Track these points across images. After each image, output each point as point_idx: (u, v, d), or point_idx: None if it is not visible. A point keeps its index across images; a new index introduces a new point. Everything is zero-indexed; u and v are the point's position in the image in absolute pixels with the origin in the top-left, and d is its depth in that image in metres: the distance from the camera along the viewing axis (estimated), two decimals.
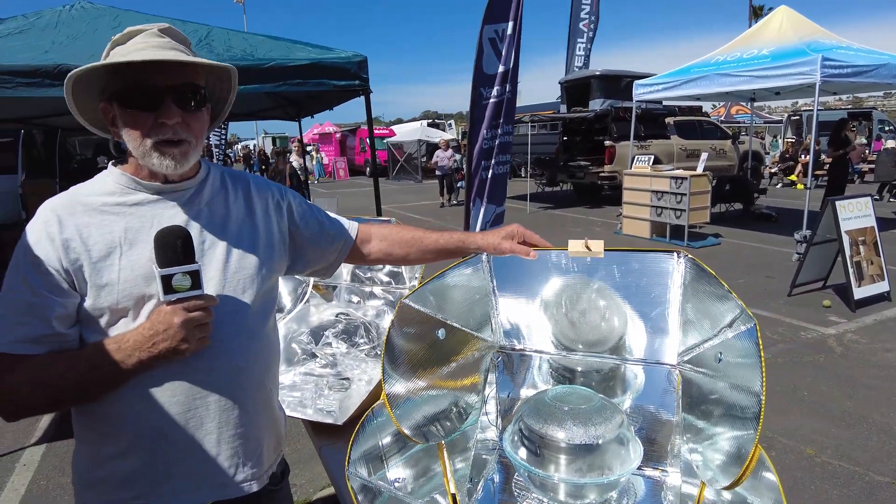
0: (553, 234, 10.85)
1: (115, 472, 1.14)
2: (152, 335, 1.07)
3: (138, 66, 1.09)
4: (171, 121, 1.11)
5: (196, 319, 1.08)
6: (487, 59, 4.04)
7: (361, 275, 2.62)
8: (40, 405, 1.12)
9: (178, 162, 1.15)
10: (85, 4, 4.06)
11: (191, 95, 1.15)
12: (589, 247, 1.45)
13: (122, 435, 1.14)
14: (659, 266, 1.46)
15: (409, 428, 1.42)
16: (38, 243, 1.09)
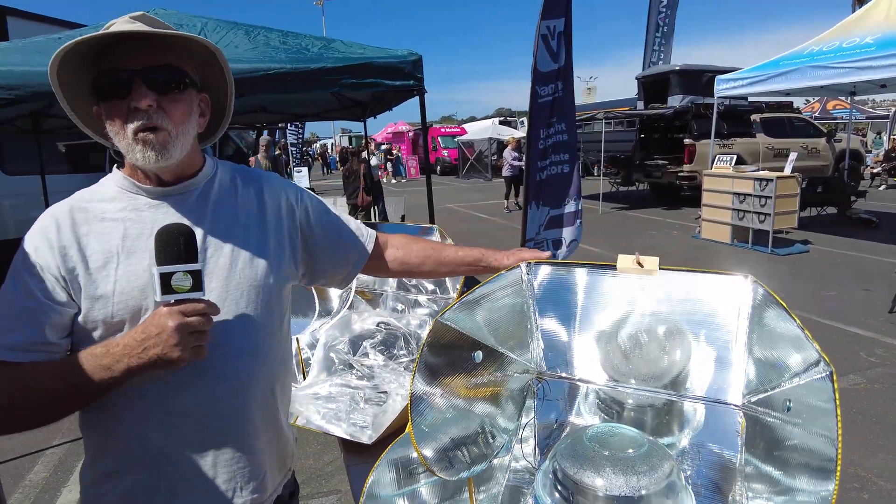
0: (626, 236, 10.39)
1: (117, 489, 1.09)
2: (144, 339, 0.98)
3: (111, 53, 1.05)
4: (142, 104, 1.03)
5: (193, 325, 0.98)
6: (541, 56, 3.85)
7: (406, 282, 2.53)
8: (24, 417, 1.03)
9: (157, 152, 1.05)
10: (161, 11, 4.21)
11: (167, 78, 1.07)
12: (641, 263, 1.27)
13: (119, 452, 1.09)
14: (724, 291, 1.26)
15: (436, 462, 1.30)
16: (38, 250, 1.05)
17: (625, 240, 10.02)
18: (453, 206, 15.90)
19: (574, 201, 4.36)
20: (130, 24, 1.07)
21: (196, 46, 1.14)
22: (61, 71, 1.06)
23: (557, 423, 1.55)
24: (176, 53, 1.11)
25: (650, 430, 1.48)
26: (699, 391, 1.38)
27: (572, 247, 4.43)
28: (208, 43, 1.14)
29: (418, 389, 1.24)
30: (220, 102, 1.27)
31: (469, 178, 25.67)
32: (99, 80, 1.06)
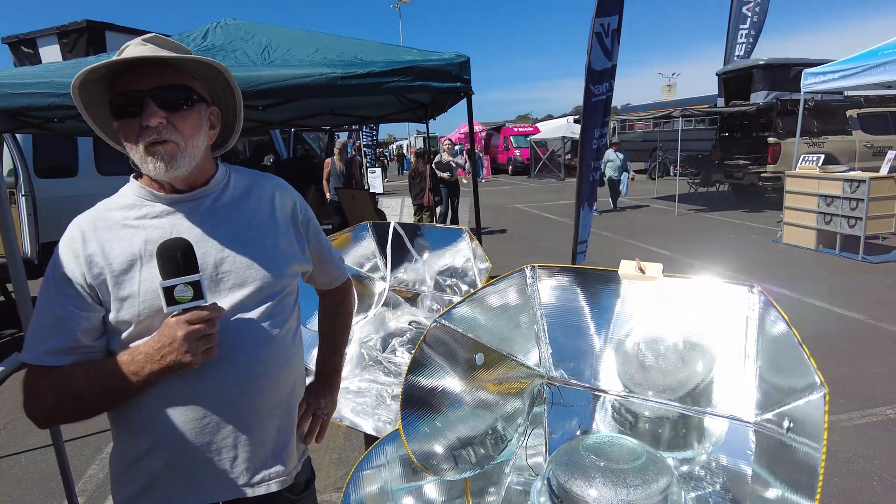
0: (700, 239, 9.91)
1: (143, 472, 1.19)
2: (160, 348, 1.08)
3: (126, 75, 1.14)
4: (152, 122, 1.11)
5: (198, 332, 1.07)
6: (596, 55, 3.74)
7: (442, 282, 2.56)
8: (66, 413, 1.17)
9: (166, 162, 1.13)
10: (229, 21, 4.47)
11: (175, 97, 1.15)
12: (642, 269, 1.23)
13: (146, 439, 1.18)
14: (731, 301, 1.20)
15: (425, 460, 1.32)
16: (65, 260, 1.16)
17: (698, 243, 9.56)
18: (522, 207, 15.77)
19: None
20: (141, 46, 1.17)
21: (202, 66, 1.21)
22: (83, 93, 1.17)
23: (569, 430, 1.52)
24: (184, 73, 1.19)
25: (666, 444, 1.43)
26: (713, 405, 1.32)
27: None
28: (212, 61, 1.21)
29: (410, 388, 1.27)
30: (231, 113, 1.35)
31: (541, 178, 25.35)
32: (114, 101, 1.15)
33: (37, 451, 3.59)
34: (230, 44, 3.87)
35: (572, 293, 1.43)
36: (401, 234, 2.52)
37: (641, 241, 9.80)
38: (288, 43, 3.81)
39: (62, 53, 6.88)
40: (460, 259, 2.50)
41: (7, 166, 6.20)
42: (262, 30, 4.19)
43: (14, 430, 3.90)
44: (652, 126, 18.36)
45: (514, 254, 9.31)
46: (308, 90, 3.19)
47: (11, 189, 5.90)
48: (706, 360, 1.32)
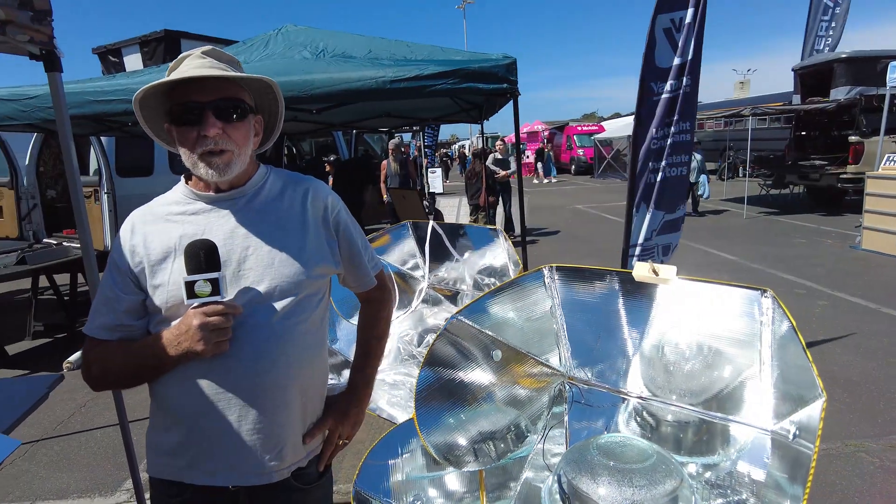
0: (769, 244, 9.43)
1: (164, 444, 1.31)
2: (178, 335, 1.20)
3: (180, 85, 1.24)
4: (210, 132, 1.22)
5: (212, 324, 1.17)
6: (661, 51, 3.64)
7: (480, 281, 2.60)
8: (108, 382, 1.34)
9: (220, 171, 1.25)
10: (290, 27, 4.67)
11: (231, 108, 1.25)
12: (656, 271, 1.24)
13: (168, 414, 1.30)
14: (745, 306, 1.19)
15: (440, 451, 1.37)
16: (117, 248, 1.31)
17: (767, 248, 9.10)
18: (582, 207, 15.51)
19: (684, 205, 4.10)
20: (201, 59, 1.29)
21: (253, 81, 1.33)
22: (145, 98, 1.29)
23: (589, 431, 1.53)
24: (237, 85, 1.30)
25: (688, 449, 1.42)
26: (732, 411, 1.30)
27: (673, 251, 4.17)
28: (264, 78, 1.33)
29: (425, 381, 1.32)
30: (273, 120, 1.45)
31: (604, 177, 24.78)
32: (173, 110, 1.27)
33: (110, 427, 3.90)
34: (289, 50, 4.06)
35: (591, 294, 1.44)
36: (439, 233, 2.57)
37: (704, 245, 9.44)
38: (342, 47, 3.96)
39: (143, 61, 7.40)
40: (499, 259, 2.53)
41: (92, 166, 6.73)
42: (319, 35, 4.37)
43: (91, 408, 4.25)
44: (722, 125, 17.59)
45: (566, 255, 9.20)
46: (358, 94, 3.31)
47: (95, 187, 6.40)
48: (727, 365, 1.30)
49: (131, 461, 2.50)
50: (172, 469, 1.30)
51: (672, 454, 1.34)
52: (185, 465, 1.28)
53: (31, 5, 1.84)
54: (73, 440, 3.85)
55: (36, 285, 6.05)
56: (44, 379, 2.35)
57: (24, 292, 7.18)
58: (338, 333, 2.45)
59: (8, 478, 3.48)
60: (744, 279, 7.17)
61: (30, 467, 3.58)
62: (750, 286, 1.13)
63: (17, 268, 5.32)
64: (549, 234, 11.48)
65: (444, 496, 1.49)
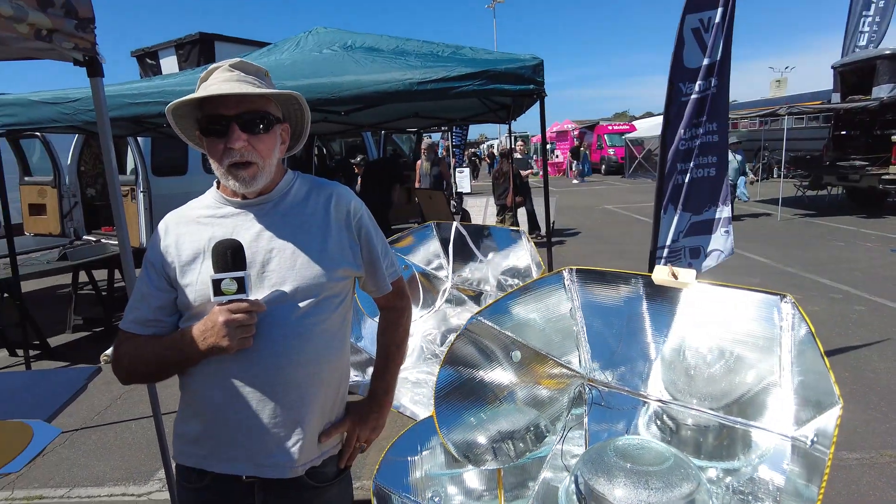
0: (805, 246, 9.19)
1: (188, 432, 1.37)
2: (203, 330, 1.25)
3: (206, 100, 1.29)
4: (236, 145, 1.27)
5: (237, 321, 1.22)
6: (689, 52, 3.59)
7: (504, 282, 2.61)
8: (138, 374, 1.38)
9: (247, 183, 1.31)
10: (320, 29, 4.75)
11: (256, 121, 1.30)
12: (675, 275, 1.24)
13: (192, 404, 1.36)
14: (765, 310, 1.18)
15: (459, 449, 1.40)
16: (152, 247, 1.38)
17: (802, 251, 8.87)
18: (612, 208, 15.34)
19: (722, 207, 4.00)
20: (229, 72, 1.34)
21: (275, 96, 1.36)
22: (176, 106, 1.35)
23: (609, 433, 1.54)
24: (263, 97, 1.34)
25: (708, 453, 1.42)
26: (753, 417, 1.30)
27: (715, 257, 4.06)
28: (290, 93, 1.38)
29: (445, 379, 1.34)
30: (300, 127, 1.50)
31: (635, 177, 24.45)
32: (202, 122, 1.33)
33: (144, 419, 4.03)
34: (319, 52, 4.13)
35: (610, 297, 1.45)
36: (463, 234, 2.60)
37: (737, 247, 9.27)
38: (372, 48, 4.02)
39: (178, 63, 7.60)
40: (522, 260, 2.54)
41: (129, 166, 6.95)
42: (348, 37, 4.43)
43: (126, 400, 4.40)
44: (757, 125, 17.18)
45: (594, 256, 9.11)
46: (386, 96, 3.36)
47: (132, 186, 6.61)
48: (748, 370, 1.30)
49: (164, 452, 2.59)
50: (195, 457, 1.36)
51: (691, 458, 1.33)
52: (206, 453, 1.34)
53: (76, 14, 1.93)
54: (110, 430, 4.00)
55: (76, 280, 6.28)
56: (82, 371, 2.45)
57: (64, 287, 7.46)
58: (363, 331, 2.50)
59: (50, 464, 3.63)
60: (777, 283, 7.01)
61: (69, 454, 3.73)
62: (769, 291, 1.13)
63: (58, 264, 5.54)
64: (578, 235, 11.39)
65: (463, 493, 1.52)
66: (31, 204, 7.51)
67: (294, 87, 3.34)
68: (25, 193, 7.51)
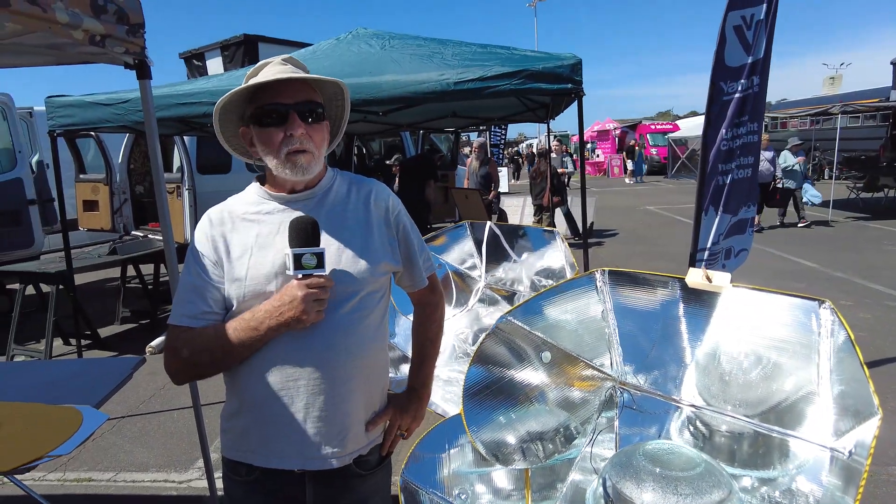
0: (854, 250, 8.82)
1: (236, 426, 1.40)
2: (280, 305, 1.27)
3: (269, 89, 1.32)
4: (297, 132, 1.30)
5: (315, 294, 1.26)
6: (731, 50, 3.49)
7: (538, 283, 2.60)
8: (198, 365, 1.37)
9: (304, 170, 1.33)
10: (360, 30, 4.82)
11: (311, 111, 1.34)
12: (709, 278, 1.21)
13: (241, 399, 1.39)
14: (803, 316, 1.15)
15: (488, 448, 1.40)
16: (200, 240, 1.40)
17: (854, 255, 8.50)
18: (653, 209, 15.03)
19: (752, 207, 3.93)
20: (283, 66, 1.38)
21: (328, 84, 1.41)
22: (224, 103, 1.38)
23: (640, 436, 1.52)
24: (315, 90, 1.38)
25: (742, 461, 1.38)
26: (790, 425, 1.26)
27: (742, 257, 3.99)
28: (340, 82, 1.41)
29: (473, 378, 1.35)
30: (337, 126, 1.53)
31: (678, 177, 23.89)
32: (259, 111, 1.34)
33: (185, 409, 4.17)
34: (358, 52, 4.19)
35: (643, 299, 1.43)
36: (497, 234, 2.60)
37: (783, 251, 8.95)
38: (410, 49, 4.05)
39: (224, 64, 7.83)
40: (557, 261, 2.53)
41: (175, 164, 7.19)
42: (388, 38, 4.48)
43: (169, 390, 4.56)
44: (808, 124, 16.56)
45: (633, 258, 8.95)
46: (424, 96, 3.38)
47: (178, 184, 6.84)
48: (785, 377, 1.26)
49: (203, 442, 2.68)
50: (244, 451, 1.38)
51: (725, 466, 1.31)
52: (254, 447, 1.36)
53: (127, 20, 2.02)
54: (153, 419, 4.15)
55: (124, 274, 6.54)
56: (129, 361, 2.56)
57: (114, 280, 7.77)
58: (396, 329, 2.53)
59: (98, 449, 3.80)
60: (825, 288, 6.73)
61: (116, 440, 3.89)
62: (807, 296, 1.09)
63: (108, 258, 5.78)
64: (617, 236, 11.22)
65: (490, 492, 1.52)
66: (84, 200, 7.85)
67: None
68: (80, 190, 7.86)
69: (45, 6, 1.61)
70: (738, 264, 3.99)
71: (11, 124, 6.81)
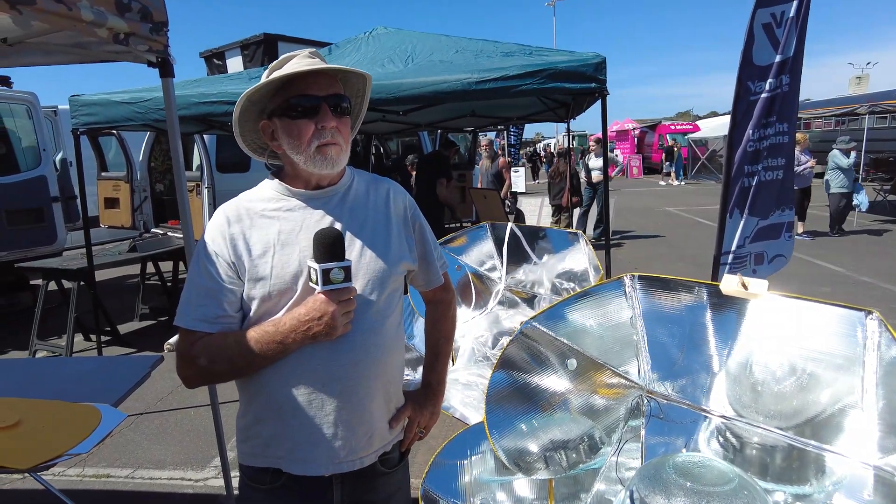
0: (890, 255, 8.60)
1: (260, 434, 1.36)
2: (308, 321, 1.23)
3: (298, 81, 1.29)
4: (330, 124, 1.28)
5: (345, 308, 1.24)
6: (759, 48, 3.40)
7: (559, 285, 2.56)
8: (215, 374, 1.35)
9: (334, 163, 1.31)
10: (380, 30, 4.80)
11: (340, 104, 1.32)
12: (745, 285, 1.16)
13: (260, 407, 1.35)
14: (847, 327, 1.09)
15: (510, 456, 1.37)
16: (214, 240, 1.34)
17: (882, 260, 8.29)
18: (673, 210, 14.84)
19: (787, 211, 3.81)
20: (310, 59, 1.34)
21: (353, 77, 1.38)
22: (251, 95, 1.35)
23: (667, 447, 1.47)
24: (340, 85, 1.35)
25: (776, 475, 1.33)
26: (829, 440, 1.20)
27: (777, 263, 3.88)
28: (366, 74, 1.38)
29: (497, 385, 1.31)
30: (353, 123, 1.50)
31: (698, 179, 23.58)
32: (286, 103, 1.30)
33: (202, 407, 4.19)
34: (379, 52, 4.18)
35: (674, 306, 1.38)
36: (518, 235, 2.55)
37: (806, 254, 8.77)
38: (430, 49, 4.02)
39: (244, 63, 7.87)
40: (579, 263, 2.48)
41: (195, 163, 7.24)
42: (408, 37, 4.45)
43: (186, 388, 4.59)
44: (833, 124, 16.22)
45: (654, 260, 8.84)
46: (445, 95, 3.35)
47: (197, 182, 6.88)
48: (823, 390, 1.21)
49: (220, 441, 2.67)
50: (271, 458, 1.34)
51: (757, 480, 1.26)
52: (283, 454, 1.33)
53: (151, 18, 2.01)
54: (171, 416, 4.18)
55: (144, 271, 6.60)
56: (147, 359, 2.56)
57: (133, 277, 7.85)
58: (414, 330, 2.50)
59: (117, 445, 3.82)
60: (850, 293, 6.58)
61: (134, 437, 3.92)
62: (853, 306, 1.04)
63: (129, 255, 5.84)
64: (637, 237, 11.09)
65: (512, 501, 1.48)
66: (106, 198, 7.95)
67: None
68: (102, 188, 7.96)
69: (71, 4, 1.61)
70: (774, 270, 3.87)
71: (36, 123, 6.92)
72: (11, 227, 6.53)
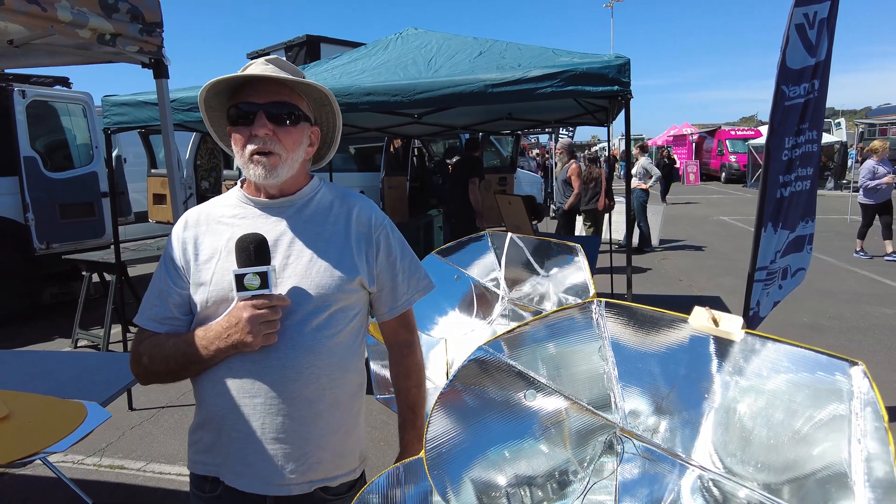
0: None
1: (202, 440, 1.35)
2: (227, 327, 1.22)
3: (249, 87, 1.28)
4: (260, 132, 1.25)
5: (262, 316, 1.19)
6: (793, 50, 3.15)
7: (564, 300, 2.42)
8: (156, 374, 1.35)
9: (268, 172, 1.26)
10: (410, 31, 4.74)
11: (284, 113, 1.27)
12: (716, 321, 1.02)
13: (201, 413, 1.35)
14: (831, 379, 0.93)
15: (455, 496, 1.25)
16: (171, 242, 1.37)
17: None
18: (727, 219, 14.18)
19: (811, 222, 3.57)
20: (263, 66, 1.31)
21: (311, 88, 1.34)
22: (210, 98, 1.35)
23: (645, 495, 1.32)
24: (295, 93, 1.32)
25: None
26: None
27: (799, 277, 3.62)
28: (320, 86, 1.33)
29: (441, 416, 1.21)
30: (331, 134, 1.47)
31: (757, 186, 22.49)
32: (230, 110, 1.31)
33: None
34: (405, 53, 4.12)
35: (647, 337, 1.23)
36: (520, 246, 2.43)
37: (869, 271, 8.16)
38: (454, 51, 3.93)
39: None
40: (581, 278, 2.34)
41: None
42: (435, 38, 4.38)
43: None
44: None
45: (697, 272, 8.43)
46: (459, 98, 3.25)
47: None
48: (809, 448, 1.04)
49: None
50: (210, 465, 1.34)
51: None
52: (220, 461, 1.31)
53: (142, 18, 2.00)
54: (189, 411, 4.23)
55: None
56: None
57: None
58: None
59: (137, 437, 3.92)
60: None
61: (152, 430, 4.00)
62: (838, 355, 0.88)
63: None
64: (686, 248, 10.64)
65: None
66: (155, 194, 8.26)
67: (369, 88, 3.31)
68: (151, 184, 8.28)
69: (46, 5, 1.60)
70: (795, 285, 3.64)
71: (90, 121, 7.25)
72: (64, 220, 6.87)
